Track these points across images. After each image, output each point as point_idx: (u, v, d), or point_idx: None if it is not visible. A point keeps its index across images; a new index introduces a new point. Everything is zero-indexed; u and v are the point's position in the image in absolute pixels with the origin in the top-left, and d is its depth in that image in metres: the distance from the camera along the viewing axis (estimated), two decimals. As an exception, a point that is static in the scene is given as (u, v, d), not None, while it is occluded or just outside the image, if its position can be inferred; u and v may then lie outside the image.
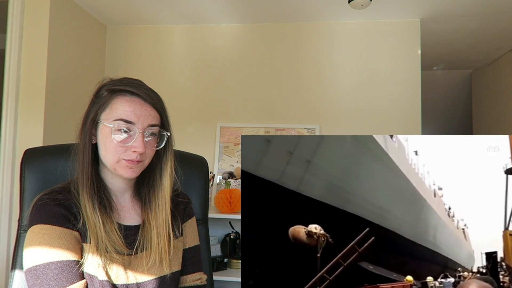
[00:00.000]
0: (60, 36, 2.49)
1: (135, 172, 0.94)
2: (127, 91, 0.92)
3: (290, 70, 2.89)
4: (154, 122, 0.94)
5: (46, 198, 0.89)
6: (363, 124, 2.78)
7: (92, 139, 0.94)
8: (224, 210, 2.42)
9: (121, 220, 0.97)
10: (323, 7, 2.64)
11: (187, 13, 2.80)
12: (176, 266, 1.02)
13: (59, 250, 0.85)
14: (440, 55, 3.61)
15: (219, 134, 2.88)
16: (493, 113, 3.86)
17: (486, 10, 2.62)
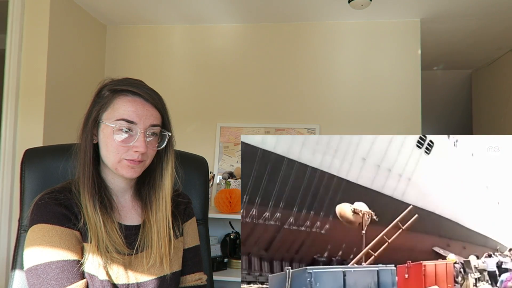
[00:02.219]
0: (60, 36, 2.49)
1: (136, 172, 0.94)
2: (129, 91, 0.92)
3: (290, 70, 2.89)
4: (155, 122, 0.94)
5: (47, 197, 0.89)
6: (363, 124, 2.78)
7: (94, 139, 0.94)
8: (224, 210, 2.42)
9: (122, 220, 0.97)
10: (323, 7, 2.64)
11: (187, 13, 2.80)
12: (176, 266, 1.02)
13: (59, 250, 0.85)
14: (440, 55, 3.61)
15: (219, 134, 2.88)
16: (493, 113, 3.86)
17: (486, 10, 2.62)
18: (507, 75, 3.54)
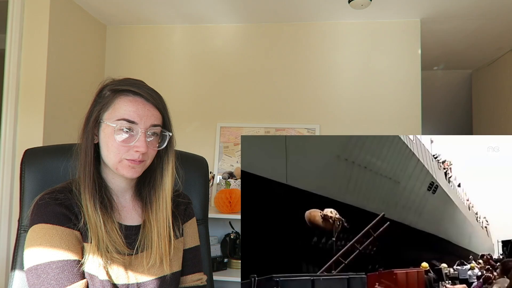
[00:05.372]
0: (60, 36, 2.48)
1: (137, 172, 0.94)
2: (130, 91, 0.92)
3: (290, 70, 2.89)
4: (156, 122, 0.94)
5: (48, 197, 0.89)
6: (363, 124, 2.78)
7: (94, 139, 0.94)
8: (224, 210, 2.42)
9: (122, 220, 0.97)
10: (323, 7, 2.64)
11: (187, 13, 2.80)
12: (176, 266, 1.02)
13: (60, 250, 0.85)
14: (440, 55, 3.61)
15: (219, 134, 2.88)
16: (493, 113, 3.86)
17: (486, 10, 2.62)
18: (507, 75, 3.54)
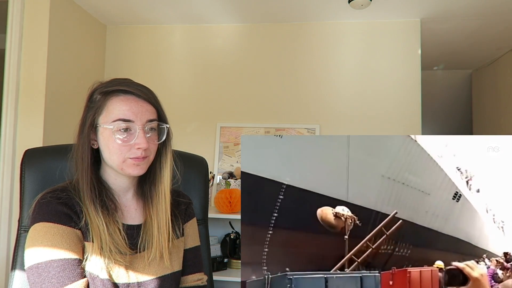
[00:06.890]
0: (60, 36, 2.48)
1: (143, 168, 0.95)
2: (120, 90, 0.93)
3: (290, 70, 2.89)
4: (151, 117, 0.94)
5: (49, 196, 0.89)
6: (363, 124, 2.78)
7: (93, 144, 0.94)
8: (224, 210, 2.42)
9: (124, 219, 0.98)
10: (323, 7, 2.64)
11: (187, 13, 2.80)
12: (177, 266, 1.02)
13: (61, 249, 0.85)
14: (440, 55, 3.61)
15: (219, 134, 2.88)
16: (493, 113, 3.86)
17: (486, 10, 2.62)
18: (507, 75, 3.54)
